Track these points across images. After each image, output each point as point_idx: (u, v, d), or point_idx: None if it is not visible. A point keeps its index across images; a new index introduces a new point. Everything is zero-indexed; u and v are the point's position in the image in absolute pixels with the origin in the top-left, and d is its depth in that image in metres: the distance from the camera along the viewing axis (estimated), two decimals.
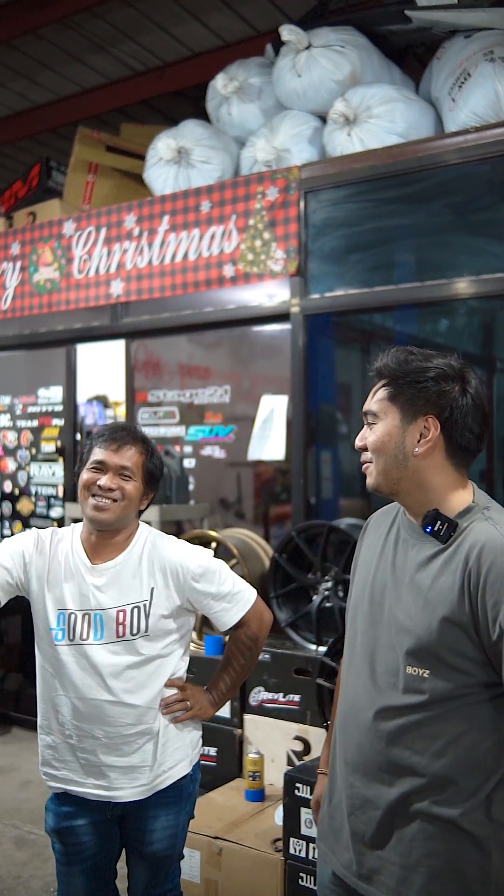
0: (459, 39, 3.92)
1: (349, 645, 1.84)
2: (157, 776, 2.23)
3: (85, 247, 4.91)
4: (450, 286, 3.80)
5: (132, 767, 2.20)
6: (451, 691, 1.61)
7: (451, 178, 3.82)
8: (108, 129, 5.65)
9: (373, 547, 1.84)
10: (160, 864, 2.31)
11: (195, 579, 2.22)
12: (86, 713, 2.18)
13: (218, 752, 3.74)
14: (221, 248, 4.35)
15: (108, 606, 2.18)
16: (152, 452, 2.27)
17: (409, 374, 1.70)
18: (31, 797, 4.27)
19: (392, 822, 1.67)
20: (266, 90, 4.51)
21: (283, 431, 4.34)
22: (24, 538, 2.28)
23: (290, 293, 4.18)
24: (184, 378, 4.93)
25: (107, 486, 2.16)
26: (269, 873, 3.02)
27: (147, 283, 4.62)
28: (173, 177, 4.60)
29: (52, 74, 5.79)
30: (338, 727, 1.82)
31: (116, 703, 2.17)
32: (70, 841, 2.26)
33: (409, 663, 1.64)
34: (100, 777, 2.20)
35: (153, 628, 2.19)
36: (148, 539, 2.28)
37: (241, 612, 2.28)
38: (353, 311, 4.28)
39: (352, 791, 1.73)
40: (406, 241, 4.09)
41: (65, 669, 2.19)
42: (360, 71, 4.14)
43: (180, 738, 2.28)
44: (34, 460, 5.49)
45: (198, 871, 3.15)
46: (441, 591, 1.62)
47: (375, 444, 1.71)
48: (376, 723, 1.68)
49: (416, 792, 1.64)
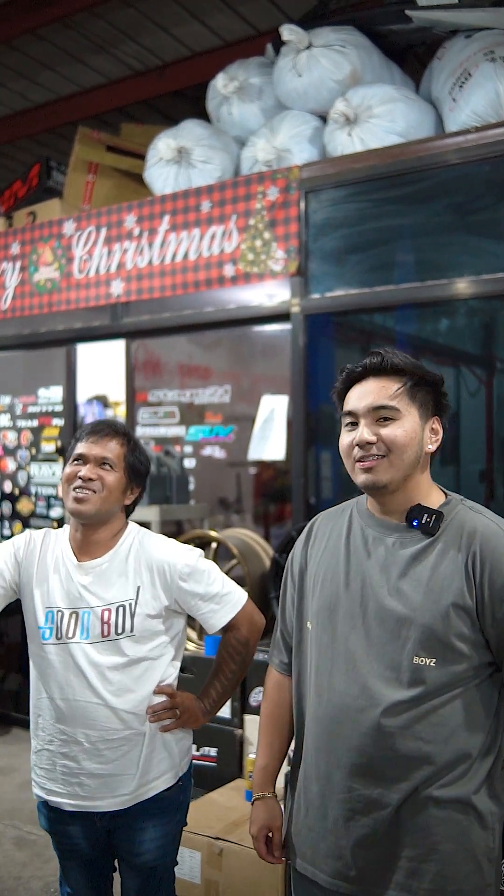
0: (460, 39, 3.92)
1: (319, 650, 1.80)
2: (141, 786, 2.17)
3: (85, 246, 4.91)
4: (450, 286, 3.80)
5: (113, 776, 2.15)
6: (454, 677, 1.65)
7: (452, 178, 3.81)
8: (108, 129, 5.66)
9: (331, 550, 1.84)
10: (151, 874, 2.27)
11: (182, 578, 2.17)
12: (69, 715, 2.14)
13: (218, 752, 3.74)
14: (222, 248, 4.35)
15: (94, 605, 2.16)
16: (135, 447, 2.25)
17: (426, 376, 1.76)
18: (31, 798, 4.25)
19: (402, 817, 1.67)
20: (266, 90, 4.51)
21: (283, 431, 4.34)
22: (16, 540, 2.28)
23: (291, 293, 4.18)
24: (184, 378, 4.93)
25: (86, 476, 2.14)
26: (269, 874, 3.01)
27: (147, 282, 4.62)
28: (173, 176, 4.60)
29: (52, 74, 5.79)
30: (320, 735, 1.77)
31: (101, 705, 2.12)
32: (64, 841, 2.26)
33: (416, 654, 1.65)
34: (78, 787, 2.15)
35: (139, 628, 2.15)
36: (136, 538, 2.25)
37: (229, 615, 2.22)
38: (353, 311, 4.27)
39: (351, 795, 1.70)
40: (406, 241, 4.08)
41: (50, 669, 2.16)
42: (361, 71, 4.14)
43: (167, 747, 2.22)
44: (34, 460, 5.49)
45: (198, 871, 3.14)
46: (443, 578, 1.67)
47: (402, 439, 1.72)
48: (383, 720, 1.66)
49: (429, 780, 1.66)
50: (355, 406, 1.76)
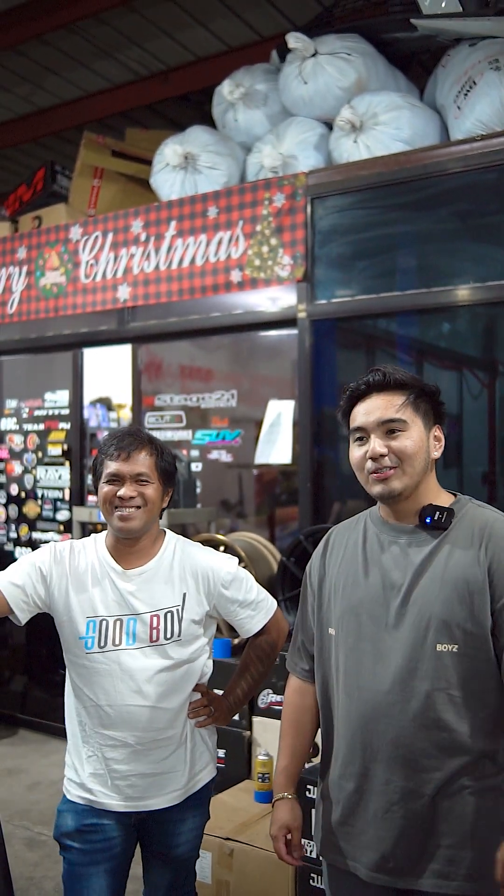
0: (464, 47, 3.96)
1: (346, 652, 1.88)
2: (190, 780, 2.26)
3: (92, 251, 4.94)
4: (455, 293, 3.84)
5: (164, 774, 2.22)
6: (477, 663, 1.74)
7: (458, 186, 3.85)
8: (113, 134, 5.69)
9: (349, 559, 1.94)
10: (184, 866, 2.34)
11: (225, 586, 2.27)
12: (118, 720, 2.19)
13: (227, 753, 3.78)
14: (228, 254, 4.38)
15: (142, 611, 2.20)
16: (162, 451, 2.28)
17: (425, 388, 1.87)
18: (41, 798, 4.30)
19: (438, 807, 1.74)
20: (272, 96, 4.55)
21: (289, 435, 4.38)
22: (40, 554, 2.29)
23: (297, 298, 4.22)
24: (190, 382, 4.97)
25: (127, 495, 2.18)
26: (280, 874, 3.05)
27: (154, 287, 4.66)
28: (180, 182, 4.64)
29: (57, 79, 5.82)
30: (354, 733, 1.85)
31: (150, 707, 2.19)
32: (96, 839, 2.23)
33: (438, 641, 1.74)
34: (129, 788, 2.20)
35: (185, 633, 2.22)
36: (178, 546, 2.32)
37: (264, 620, 2.35)
38: (359, 317, 4.31)
39: (388, 787, 1.78)
40: (412, 248, 4.12)
41: (96, 677, 2.20)
42: (366, 78, 4.18)
43: (205, 742, 2.33)
44: (40, 464, 5.52)
45: (209, 871, 3.18)
46: (457, 568, 1.78)
47: (412, 448, 1.83)
48: (418, 711, 1.75)
49: (463, 770, 1.74)
50: (364, 422, 1.86)
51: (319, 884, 2.95)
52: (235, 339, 4.80)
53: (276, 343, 4.64)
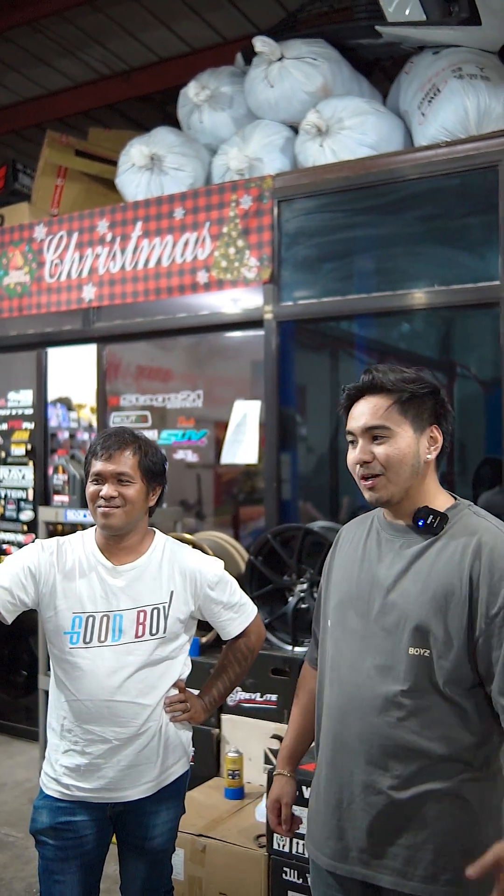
0: (428, 55, 4.04)
1: (334, 643, 1.93)
2: (162, 773, 2.31)
3: (56, 251, 4.93)
4: (421, 296, 3.91)
5: (137, 766, 2.26)
6: (448, 672, 1.73)
7: (423, 191, 3.92)
8: (73, 133, 5.66)
9: (350, 553, 1.97)
10: (159, 859, 2.38)
11: (211, 587, 2.34)
12: (98, 715, 2.23)
13: (196, 751, 3.79)
14: (195, 255, 4.40)
15: (128, 607, 2.26)
16: (147, 450, 2.33)
17: (413, 389, 1.84)
18: (7, 800, 4.27)
19: (399, 807, 1.76)
20: (237, 99, 4.58)
21: (255, 435, 4.41)
22: (27, 552, 2.32)
23: (264, 300, 4.26)
24: (156, 382, 4.98)
25: (108, 494, 2.24)
26: (252, 869, 3.09)
27: (120, 287, 4.66)
28: (146, 183, 4.64)
29: (18, 76, 5.78)
30: (332, 721, 1.89)
31: (130, 703, 2.23)
32: (69, 836, 2.27)
33: (411, 644, 1.76)
34: (104, 780, 2.25)
35: (169, 631, 2.28)
36: (167, 545, 2.38)
37: (245, 623, 2.44)
38: (325, 319, 4.37)
39: (352, 780, 1.81)
40: (377, 251, 4.19)
41: (78, 672, 2.23)
42: (332, 83, 4.24)
43: (178, 736, 2.37)
44: (4, 463, 5.47)
45: (181, 868, 3.21)
46: (441, 573, 1.76)
47: (397, 456, 1.80)
48: (384, 709, 1.77)
49: (425, 773, 1.75)
50: (352, 426, 1.87)
51: (292, 877, 3.00)
52: (202, 339, 4.82)
53: (242, 344, 4.67)
